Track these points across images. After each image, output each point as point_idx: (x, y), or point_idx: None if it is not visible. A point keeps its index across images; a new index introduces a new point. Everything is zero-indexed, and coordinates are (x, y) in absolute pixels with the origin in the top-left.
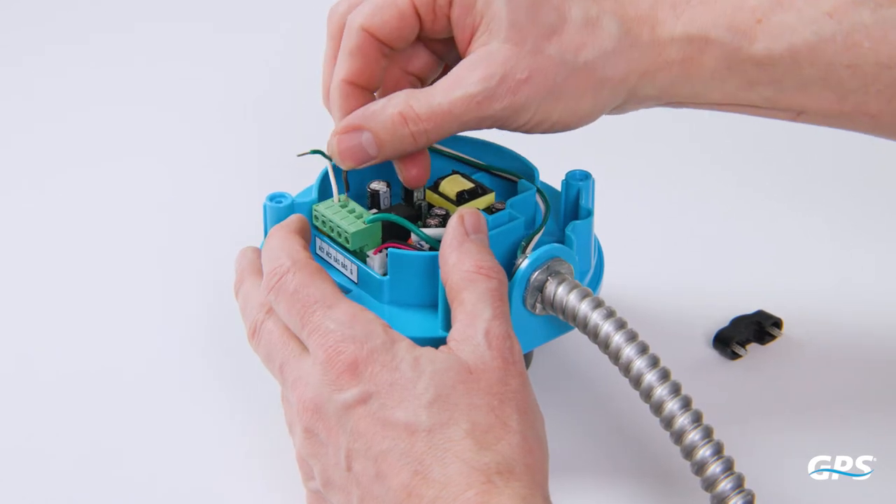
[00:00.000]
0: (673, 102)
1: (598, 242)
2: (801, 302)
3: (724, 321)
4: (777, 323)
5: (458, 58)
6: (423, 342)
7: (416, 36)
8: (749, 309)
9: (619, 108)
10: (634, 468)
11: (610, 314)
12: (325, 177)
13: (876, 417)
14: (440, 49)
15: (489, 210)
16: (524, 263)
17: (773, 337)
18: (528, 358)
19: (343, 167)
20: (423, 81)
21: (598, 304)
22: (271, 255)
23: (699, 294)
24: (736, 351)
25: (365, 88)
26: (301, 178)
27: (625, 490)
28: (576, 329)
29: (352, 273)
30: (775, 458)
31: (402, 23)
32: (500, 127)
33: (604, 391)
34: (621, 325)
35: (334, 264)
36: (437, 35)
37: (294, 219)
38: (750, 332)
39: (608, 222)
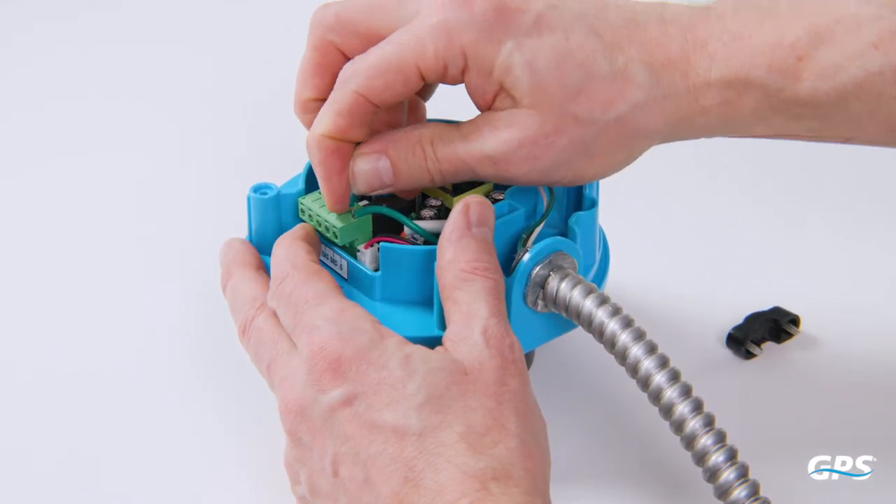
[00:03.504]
0: (710, 136)
1: (604, 235)
2: (820, 298)
3: (737, 318)
4: (794, 320)
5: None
6: (417, 342)
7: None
8: (764, 305)
9: None
10: (642, 474)
11: (616, 311)
12: (310, 168)
13: (882, 417)
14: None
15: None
16: (525, 257)
17: (790, 335)
18: (528, 358)
19: (356, 191)
20: (422, 97)
21: (604, 301)
22: (275, 263)
23: (711, 290)
24: (751, 350)
25: (349, 143)
26: (287, 167)
27: (631, 497)
28: (579, 327)
29: (342, 269)
30: (775, 458)
31: (405, 88)
32: (534, 185)
33: (609, 393)
34: (628, 322)
35: (323, 260)
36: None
37: (299, 227)
38: (765, 329)
39: (613, 213)
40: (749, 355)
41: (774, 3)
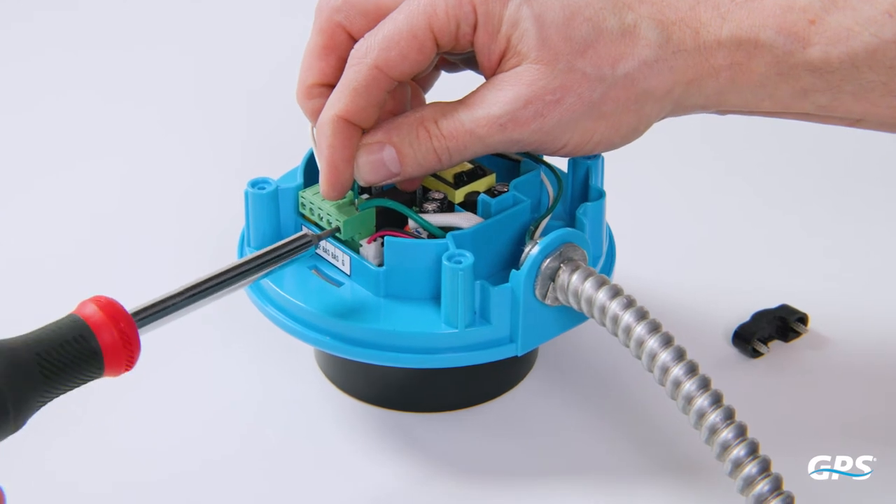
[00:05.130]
0: (720, 110)
1: (609, 229)
2: (829, 296)
3: (744, 316)
4: (802, 318)
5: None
6: (423, 338)
7: (431, 67)
8: (772, 303)
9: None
10: (657, 467)
11: (630, 303)
12: (310, 159)
13: (885, 418)
14: (450, 61)
15: (491, 193)
16: (535, 250)
17: (797, 334)
18: (532, 356)
19: (362, 183)
20: (423, 87)
21: (617, 293)
22: None
23: (717, 286)
24: (757, 348)
25: (360, 128)
26: (281, 160)
27: (644, 491)
28: (586, 321)
29: (343, 264)
30: (776, 458)
31: (421, 56)
32: (538, 152)
33: (620, 385)
34: (643, 314)
35: (324, 255)
36: (453, 55)
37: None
38: (773, 328)
39: (617, 208)
40: (756, 354)
41: None
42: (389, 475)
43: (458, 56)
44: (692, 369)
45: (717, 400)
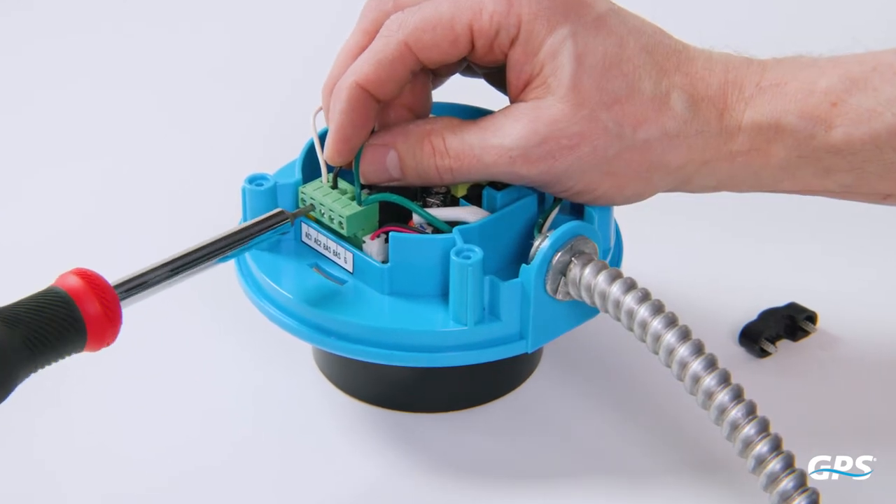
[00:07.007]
0: (734, 190)
1: (616, 224)
2: (838, 294)
3: (751, 314)
4: (811, 317)
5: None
6: (431, 336)
7: (461, 66)
8: (780, 301)
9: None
10: (670, 466)
11: (645, 297)
12: (308, 153)
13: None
14: (473, 71)
15: (495, 185)
16: (545, 244)
17: (806, 333)
18: (537, 355)
19: (363, 181)
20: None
21: (632, 287)
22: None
23: (724, 284)
24: (765, 348)
25: (376, 100)
26: (276, 156)
27: (657, 491)
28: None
29: (346, 262)
30: None
31: (452, 49)
32: (540, 189)
33: (627, 381)
34: (658, 308)
35: (325, 253)
36: (482, 64)
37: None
38: (781, 326)
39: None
40: (763, 353)
41: (815, 57)
42: (393, 476)
43: (485, 68)
44: (711, 363)
45: (737, 394)
